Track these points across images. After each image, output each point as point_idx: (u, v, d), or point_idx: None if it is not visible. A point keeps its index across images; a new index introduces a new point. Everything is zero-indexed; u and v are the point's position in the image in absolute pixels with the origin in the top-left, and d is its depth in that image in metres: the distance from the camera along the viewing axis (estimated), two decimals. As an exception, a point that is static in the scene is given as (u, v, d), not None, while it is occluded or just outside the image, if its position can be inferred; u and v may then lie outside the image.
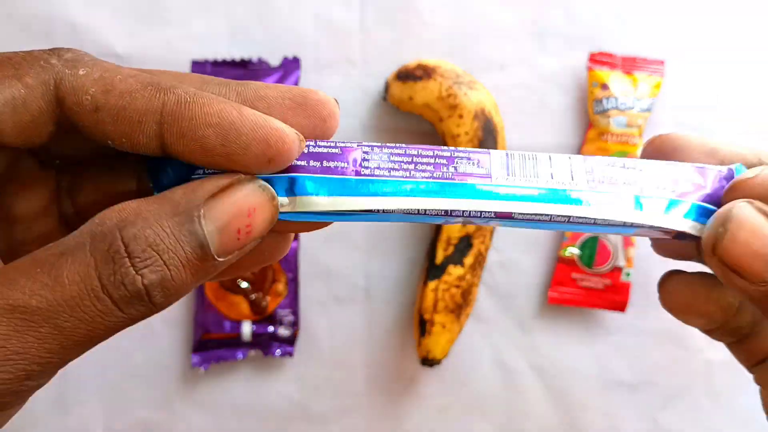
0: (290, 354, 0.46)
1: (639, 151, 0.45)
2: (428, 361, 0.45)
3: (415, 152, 0.20)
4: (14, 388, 0.16)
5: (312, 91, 0.19)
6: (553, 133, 0.47)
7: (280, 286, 0.46)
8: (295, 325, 0.46)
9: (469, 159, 0.21)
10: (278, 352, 0.46)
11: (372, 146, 0.20)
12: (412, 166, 0.20)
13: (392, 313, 0.47)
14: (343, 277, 0.47)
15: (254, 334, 0.46)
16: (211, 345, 0.46)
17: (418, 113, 0.45)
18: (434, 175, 0.20)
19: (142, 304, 0.16)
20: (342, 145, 0.20)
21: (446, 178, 0.20)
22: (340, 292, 0.47)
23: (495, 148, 0.43)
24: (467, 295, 0.44)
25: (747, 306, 0.22)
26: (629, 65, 0.46)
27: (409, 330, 0.47)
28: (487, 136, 0.43)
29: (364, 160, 0.20)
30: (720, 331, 0.23)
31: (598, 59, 0.46)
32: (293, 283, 0.46)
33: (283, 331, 0.46)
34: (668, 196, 0.21)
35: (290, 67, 0.46)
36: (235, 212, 0.17)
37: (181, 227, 0.16)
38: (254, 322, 0.46)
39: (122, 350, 0.46)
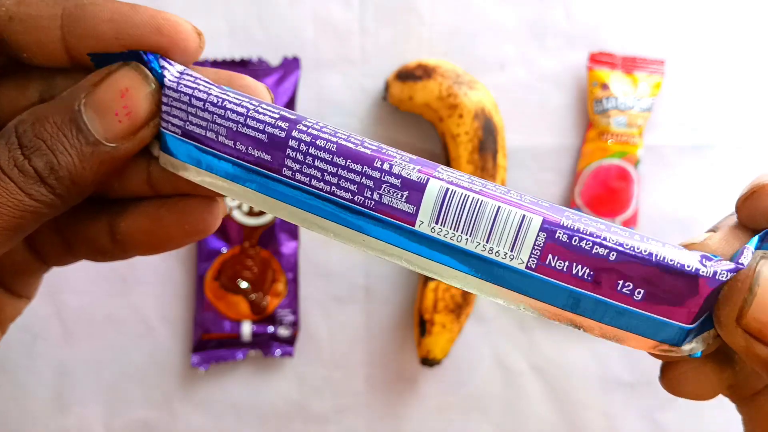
0: (290, 354, 0.46)
1: (639, 152, 0.45)
2: (428, 361, 0.45)
3: (343, 162, 0.18)
4: None
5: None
6: (553, 133, 0.47)
7: (280, 286, 0.46)
8: (295, 325, 0.46)
9: (398, 189, 0.18)
10: (278, 352, 0.46)
11: (300, 141, 0.18)
12: (335, 180, 0.18)
13: (392, 313, 0.47)
14: (343, 277, 0.47)
15: (254, 334, 0.46)
16: (211, 345, 0.46)
17: (418, 113, 0.45)
18: (354, 199, 0.18)
19: (41, 186, 0.18)
20: (272, 131, 0.19)
21: (364, 207, 0.18)
22: (340, 291, 0.47)
23: (495, 147, 0.43)
24: (467, 295, 0.44)
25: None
26: (629, 65, 0.46)
27: (409, 330, 0.47)
28: (487, 136, 0.43)
29: (287, 157, 0.19)
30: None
31: (598, 59, 0.46)
32: (293, 283, 0.46)
33: (283, 331, 0.46)
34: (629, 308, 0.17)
35: (290, 66, 0.46)
36: (109, 94, 0.19)
37: (64, 116, 0.18)
38: (254, 322, 0.46)
39: (122, 350, 0.46)
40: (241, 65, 0.45)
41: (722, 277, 0.17)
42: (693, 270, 0.17)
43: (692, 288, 0.17)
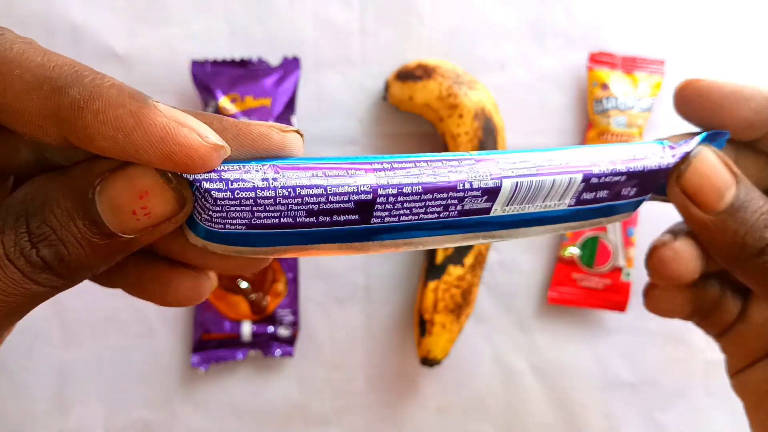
0: (290, 354, 0.46)
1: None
2: (428, 361, 0.45)
3: (430, 197, 0.19)
4: None
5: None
6: (553, 133, 0.47)
7: (280, 286, 0.46)
8: (295, 325, 0.46)
9: (479, 197, 0.20)
10: (278, 352, 0.46)
11: (387, 196, 0.19)
12: (422, 210, 0.20)
13: (392, 313, 0.47)
14: (343, 277, 0.47)
15: (254, 334, 0.46)
16: (211, 345, 0.46)
17: (418, 113, 0.45)
18: (440, 215, 0.20)
19: (49, 274, 0.17)
20: (358, 197, 0.18)
21: (448, 218, 0.20)
22: (340, 292, 0.47)
23: (495, 148, 0.43)
24: (467, 295, 0.44)
25: (711, 284, 0.26)
26: (629, 65, 0.46)
27: (409, 330, 0.47)
28: (487, 136, 0.43)
29: (376, 210, 0.19)
30: (689, 314, 0.26)
31: (598, 59, 0.46)
32: (293, 283, 0.46)
33: (283, 331, 0.46)
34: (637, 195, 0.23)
35: (290, 67, 0.46)
36: (127, 194, 0.17)
37: (76, 205, 0.17)
38: (254, 322, 0.46)
39: (122, 350, 0.46)
40: (241, 65, 0.45)
41: (679, 158, 0.23)
42: (666, 164, 0.23)
43: (665, 172, 0.23)
